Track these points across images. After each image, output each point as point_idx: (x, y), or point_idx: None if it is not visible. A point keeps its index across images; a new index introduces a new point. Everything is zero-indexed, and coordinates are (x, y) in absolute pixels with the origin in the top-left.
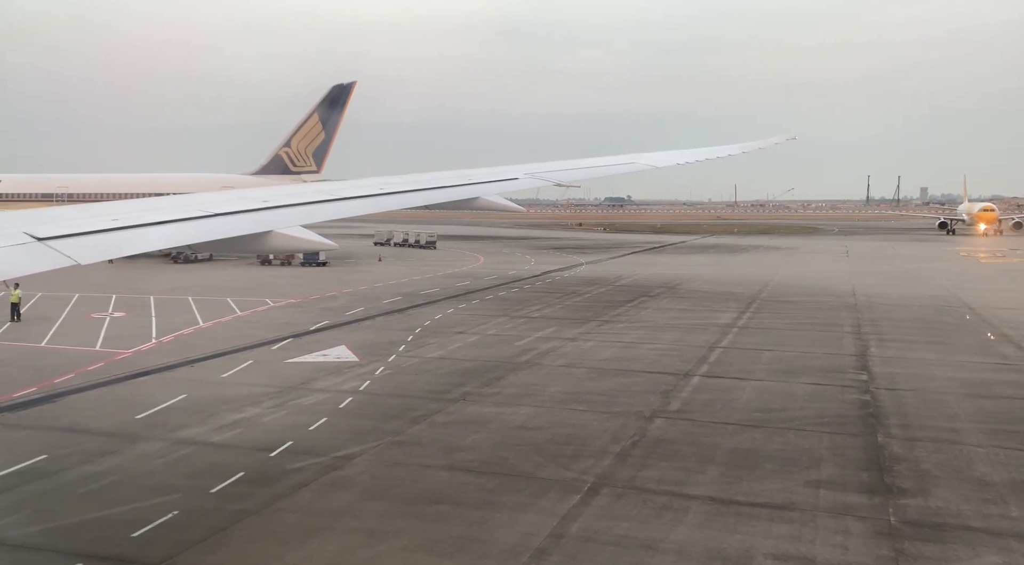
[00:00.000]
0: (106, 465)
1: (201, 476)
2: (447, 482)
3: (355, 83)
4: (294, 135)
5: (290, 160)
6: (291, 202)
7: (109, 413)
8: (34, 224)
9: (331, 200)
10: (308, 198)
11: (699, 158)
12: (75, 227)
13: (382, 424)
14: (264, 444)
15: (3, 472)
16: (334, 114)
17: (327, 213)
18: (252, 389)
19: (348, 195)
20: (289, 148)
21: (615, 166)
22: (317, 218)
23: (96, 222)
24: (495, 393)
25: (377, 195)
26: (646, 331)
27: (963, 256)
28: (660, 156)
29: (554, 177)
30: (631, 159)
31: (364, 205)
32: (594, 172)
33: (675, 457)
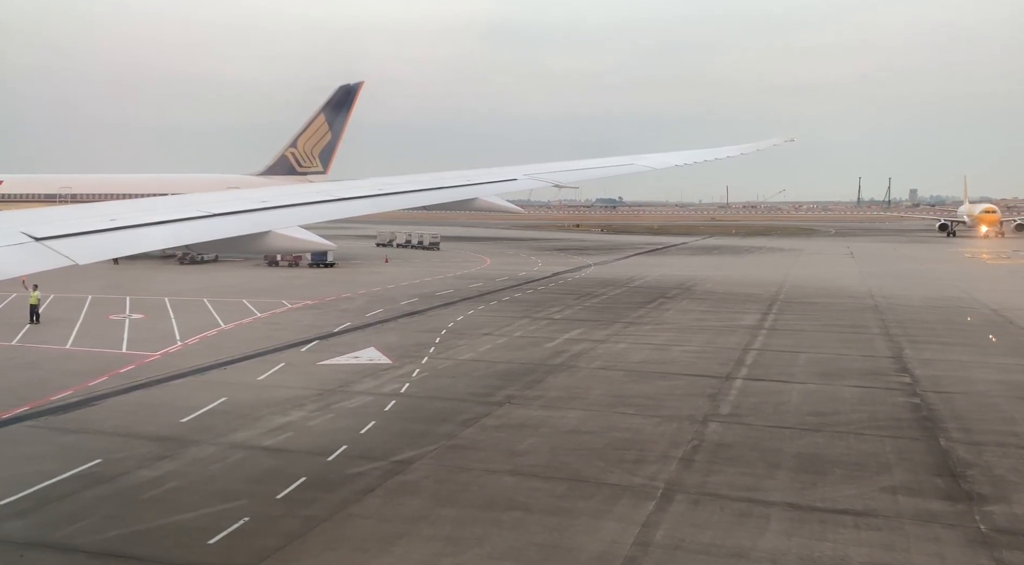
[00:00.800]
0: (164, 470)
1: (263, 481)
2: (515, 488)
3: (362, 83)
4: (300, 135)
5: (296, 161)
6: (289, 202)
7: (153, 417)
8: (32, 224)
9: (330, 201)
10: (306, 199)
11: (697, 160)
12: (73, 227)
13: (433, 428)
14: (318, 448)
15: (61, 477)
16: (340, 114)
17: (326, 214)
18: (292, 392)
19: (347, 196)
20: (295, 148)
21: (614, 167)
22: (315, 219)
23: (94, 222)
24: (538, 396)
25: (376, 196)
26: (674, 333)
27: (968, 258)
28: (659, 157)
29: (553, 178)
30: (630, 160)
31: (363, 206)
32: (593, 173)
33: (740, 462)
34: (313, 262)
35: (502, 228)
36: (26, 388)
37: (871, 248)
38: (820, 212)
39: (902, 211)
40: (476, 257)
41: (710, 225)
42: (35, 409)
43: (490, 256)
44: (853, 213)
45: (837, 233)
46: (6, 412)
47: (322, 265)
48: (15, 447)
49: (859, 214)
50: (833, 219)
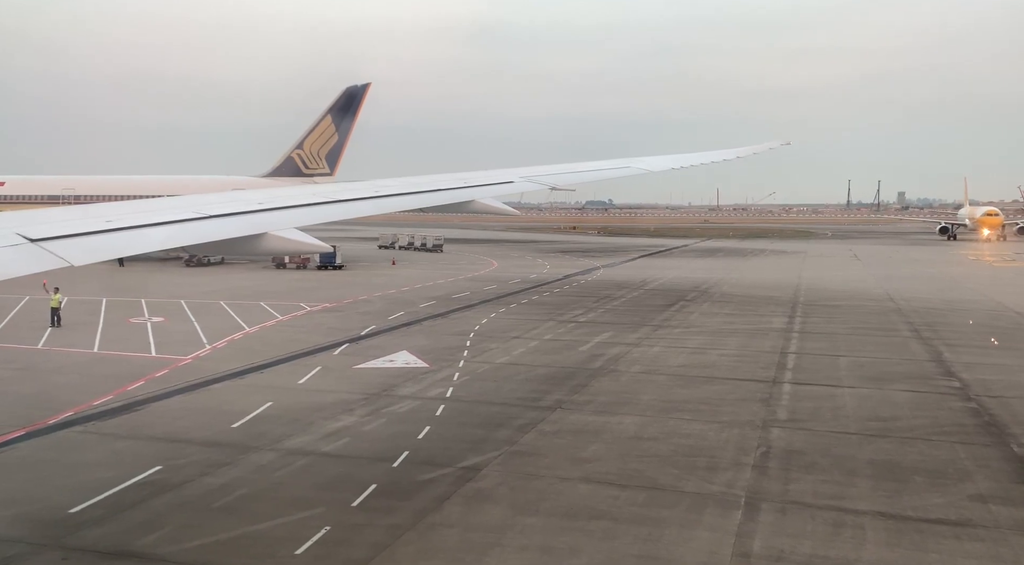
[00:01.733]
0: (227, 477)
1: (333, 489)
2: (593, 496)
3: (369, 85)
4: (307, 137)
5: (303, 162)
6: (286, 204)
7: (202, 422)
8: (27, 225)
9: (326, 203)
10: (303, 200)
11: (694, 162)
12: (68, 228)
13: (491, 433)
14: (380, 454)
15: (125, 484)
16: (347, 116)
17: (322, 216)
18: (336, 396)
19: (343, 198)
20: (302, 150)
21: (610, 170)
22: (312, 220)
23: (90, 223)
24: (588, 401)
25: (373, 198)
26: (706, 337)
27: (972, 260)
28: (655, 160)
29: (549, 181)
30: (626, 163)
31: (360, 208)
32: (589, 176)
33: (815, 469)
34: (321, 264)
35: (499, 230)
36: (66, 393)
37: (874, 251)
38: (811, 215)
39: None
40: (482, 259)
41: (705, 227)
42: (80, 414)
43: (495, 258)
44: (843, 216)
45: (834, 235)
46: (53, 417)
47: (330, 267)
48: (72, 454)
49: (849, 216)
50: (825, 222)
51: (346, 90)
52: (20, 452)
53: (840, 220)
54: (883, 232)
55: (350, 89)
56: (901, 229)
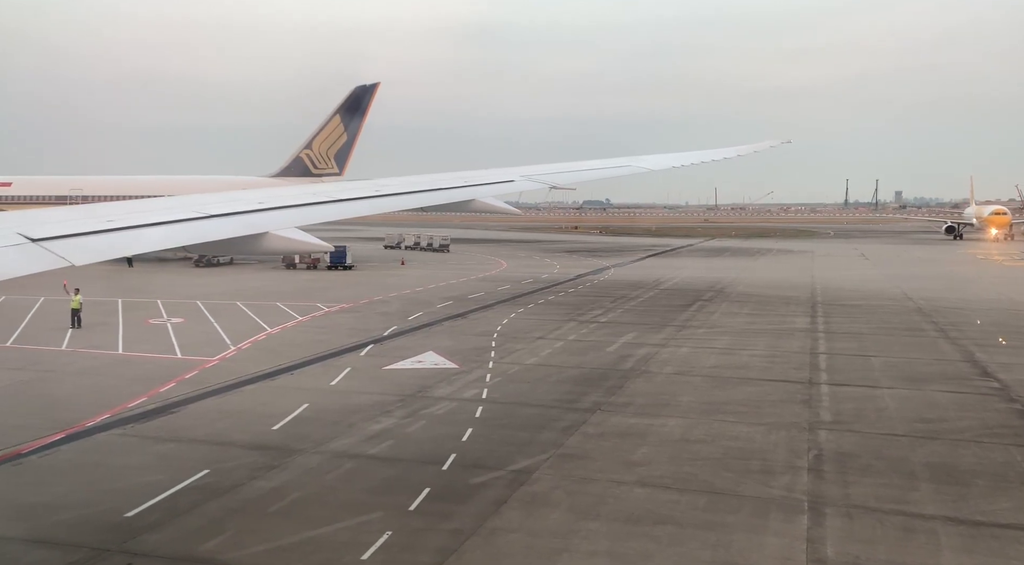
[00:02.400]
0: (278, 480)
1: (387, 492)
2: (652, 500)
3: (378, 85)
4: (315, 137)
5: (311, 162)
6: (286, 204)
7: (242, 424)
8: (28, 225)
9: (326, 202)
10: (303, 200)
11: (694, 161)
12: (69, 228)
13: (534, 435)
14: (428, 456)
15: (176, 488)
16: (356, 115)
17: (322, 215)
18: (371, 398)
19: (343, 197)
20: (310, 150)
21: (610, 169)
22: (312, 220)
23: (90, 223)
24: (626, 403)
25: (373, 197)
26: (732, 337)
27: (981, 259)
28: (655, 159)
29: (550, 180)
30: (626, 162)
31: (360, 207)
32: (589, 175)
33: (872, 472)
34: (332, 264)
35: (501, 230)
36: (98, 395)
37: (880, 250)
38: (809, 214)
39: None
40: (489, 259)
41: (706, 227)
42: (116, 416)
43: (503, 258)
44: (842, 215)
45: (836, 235)
46: (89, 419)
47: (340, 267)
48: (117, 457)
49: (848, 216)
50: (824, 221)
51: (355, 90)
52: (65, 455)
53: (840, 219)
54: (884, 231)
55: (359, 89)
56: (902, 228)
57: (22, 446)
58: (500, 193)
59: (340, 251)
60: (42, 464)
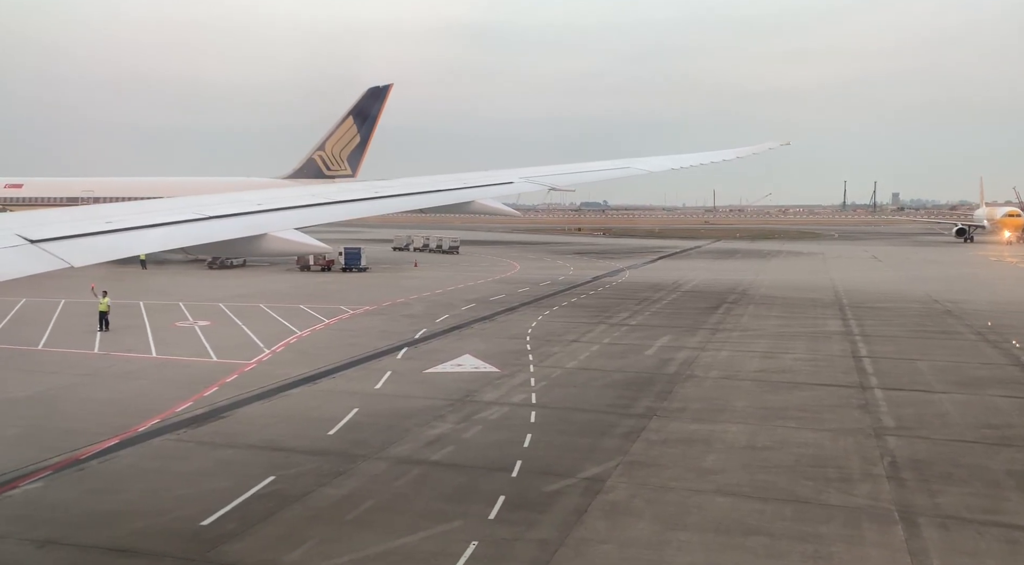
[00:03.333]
0: (347, 488)
1: (461, 500)
2: (736, 509)
3: (391, 86)
4: (328, 138)
5: (324, 164)
6: (285, 205)
7: (296, 430)
8: (27, 226)
9: (325, 204)
10: (302, 201)
11: (693, 163)
12: (68, 230)
13: (596, 442)
14: (494, 463)
15: (246, 495)
16: (369, 117)
17: (321, 216)
18: (420, 402)
19: (342, 199)
20: (323, 151)
21: (609, 171)
22: (311, 221)
23: (89, 224)
24: (681, 408)
25: (372, 198)
26: (769, 340)
27: (994, 261)
28: (654, 161)
29: (549, 181)
30: (625, 164)
31: (359, 208)
32: (589, 176)
33: (954, 481)
34: (346, 266)
35: (504, 231)
36: (143, 399)
37: (890, 252)
38: (808, 216)
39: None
40: (500, 261)
41: (710, 229)
42: (167, 421)
43: (514, 260)
44: (840, 216)
45: (841, 236)
46: (140, 424)
47: (355, 269)
48: (177, 463)
49: (847, 217)
50: (824, 222)
51: (368, 91)
52: (125, 461)
53: (840, 221)
54: (889, 233)
55: (372, 90)
56: (905, 230)
57: (80, 451)
58: (499, 195)
59: (355, 253)
60: (105, 470)
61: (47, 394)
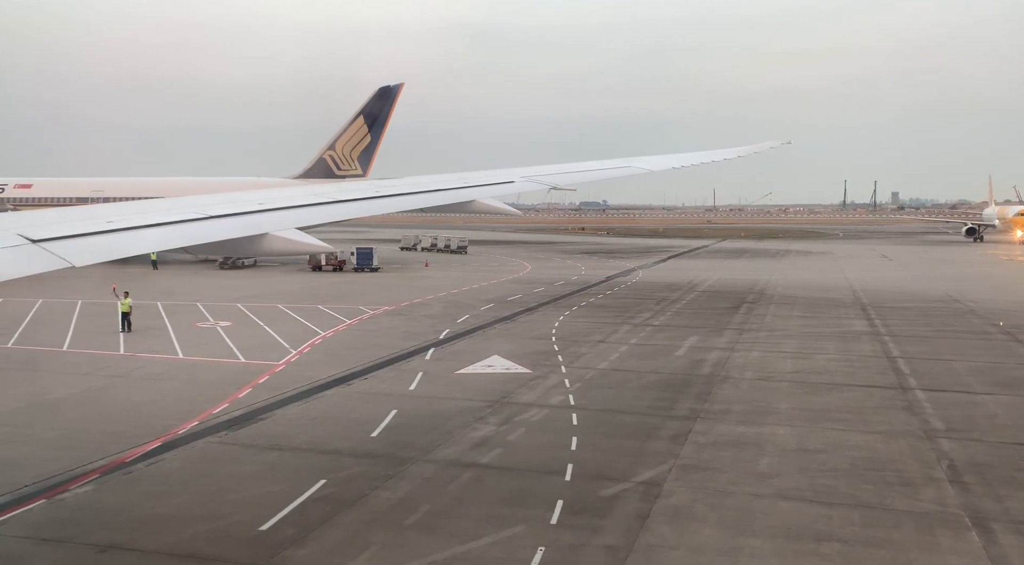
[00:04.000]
0: (401, 491)
1: (519, 504)
2: (802, 514)
3: (402, 85)
4: (339, 138)
5: (335, 163)
6: (285, 205)
7: (339, 431)
8: (28, 226)
9: (326, 203)
10: (302, 201)
11: (694, 162)
12: (69, 229)
13: (644, 444)
14: (544, 466)
15: (300, 499)
16: (380, 116)
17: (322, 216)
18: (457, 403)
19: (343, 198)
20: (334, 151)
21: (610, 170)
22: (312, 221)
23: (90, 224)
24: (723, 410)
25: (373, 198)
26: (798, 340)
27: (1006, 260)
28: (655, 160)
29: (550, 180)
30: (626, 163)
31: (360, 208)
32: (589, 176)
33: (1018, 485)
34: (358, 266)
35: (508, 231)
36: (178, 401)
37: (900, 251)
38: (809, 215)
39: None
40: (510, 261)
41: (714, 228)
42: (205, 423)
43: (523, 260)
44: (841, 216)
45: (845, 236)
46: (180, 426)
47: (367, 269)
48: (225, 466)
49: (848, 217)
50: (826, 222)
51: (378, 90)
52: (171, 464)
53: (841, 220)
54: (892, 232)
55: (382, 89)
56: (909, 229)
57: (124, 454)
58: (500, 194)
59: (367, 253)
60: (153, 474)
61: (81, 396)
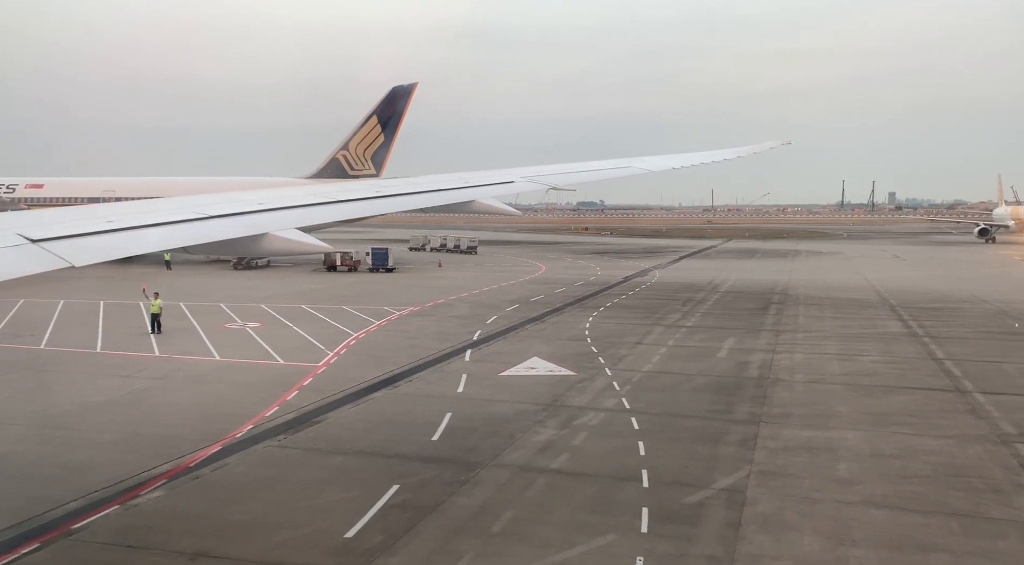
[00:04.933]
0: (480, 497)
1: (604, 512)
2: (898, 523)
3: (416, 85)
4: (352, 138)
5: (347, 163)
6: (285, 205)
7: (399, 435)
8: (28, 226)
9: (326, 203)
10: (303, 201)
11: (694, 162)
12: (69, 229)
13: (714, 450)
14: (618, 472)
15: (378, 506)
16: (393, 116)
17: (322, 216)
18: (509, 406)
19: (343, 198)
20: (347, 151)
21: (610, 170)
22: (312, 221)
23: (90, 224)
24: (784, 414)
25: (373, 198)
26: (837, 342)
27: (1020, 260)
28: (655, 160)
29: (550, 181)
30: (626, 163)
31: (359, 208)
32: (589, 176)
33: None
34: (373, 267)
35: (511, 231)
36: (226, 403)
37: (910, 252)
38: (808, 215)
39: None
40: (522, 261)
41: (716, 228)
42: (260, 426)
43: (534, 260)
44: (839, 216)
45: (850, 236)
46: (236, 430)
47: (382, 270)
48: (293, 471)
49: (846, 217)
50: (826, 222)
51: (392, 90)
52: (237, 469)
53: (841, 220)
54: (896, 232)
55: (396, 89)
56: (912, 230)
57: (186, 459)
58: (500, 194)
59: (382, 253)
60: (221, 479)
61: (127, 399)
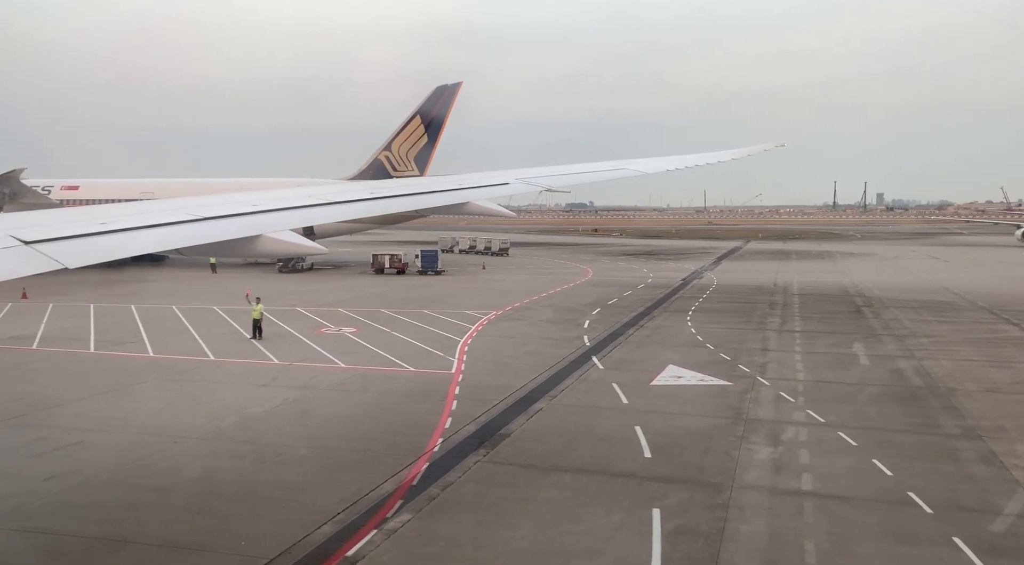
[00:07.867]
0: (759, 524)
1: (913, 543)
2: None
3: (460, 84)
4: (395, 138)
5: (390, 164)
6: (280, 206)
7: (604, 452)
8: (21, 227)
9: (322, 204)
10: (298, 202)
11: (689, 164)
12: (63, 231)
13: (959, 468)
14: (880, 495)
15: (657, 534)
16: (438, 117)
17: (317, 217)
18: (696, 420)
19: (339, 199)
20: (389, 152)
21: (605, 172)
22: (307, 222)
23: (84, 226)
24: (994, 427)
25: (369, 199)
26: (973, 348)
27: None
28: (650, 162)
29: (545, 182)
30: (621, 165)
31: (355, 209)
32: (584, 177)
33: None
34: (423, 269)
35: (517, 232)
36: (395, 415)
37: (945, 253)
38: (801, 216)
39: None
40: (560, 263)
41: (722, 229)
42: (452, 441)
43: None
44: (831, 216)
45: (864, 237)
46: (430, 443)
47: (432, 272)
48: (525, 490)
49: (839, 218)
50: (825, 222)
51: (435, 89)
52: (468, 488)
53: (839, 221)
54: (908, 233)
55: (439, 88)
56: (922, 230)
57: (400, 474)
58: (494, 196)
59: (432, 255)
60: (461, 500)
61: (282, 410)
